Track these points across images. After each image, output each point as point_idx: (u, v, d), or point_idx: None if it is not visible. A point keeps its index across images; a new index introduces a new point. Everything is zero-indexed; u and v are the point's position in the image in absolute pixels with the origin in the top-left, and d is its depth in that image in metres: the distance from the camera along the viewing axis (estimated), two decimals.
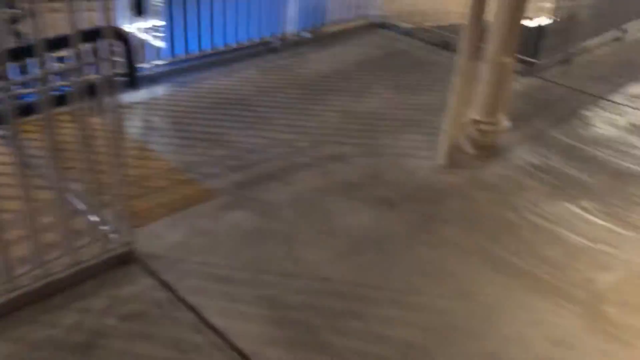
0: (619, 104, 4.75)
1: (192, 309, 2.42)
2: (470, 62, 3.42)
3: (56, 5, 2.26)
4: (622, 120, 4.46)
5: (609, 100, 4.79)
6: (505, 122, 3.79)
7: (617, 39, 6.13)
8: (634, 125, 4.40)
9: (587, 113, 4.54)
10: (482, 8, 3.29)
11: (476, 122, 3.69)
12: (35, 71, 2.24)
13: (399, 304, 2.55)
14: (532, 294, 2.67)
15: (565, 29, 5.39)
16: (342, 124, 4.09)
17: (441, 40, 5.64)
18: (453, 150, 3.62)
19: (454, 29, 5.79)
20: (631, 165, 3.84)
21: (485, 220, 3.18)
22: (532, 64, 5.15)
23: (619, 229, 3.19)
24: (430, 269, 2.78)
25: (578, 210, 3.33)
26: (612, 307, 2.63)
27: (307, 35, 5.45)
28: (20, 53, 2.74)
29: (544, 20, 5.15)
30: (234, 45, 4.93)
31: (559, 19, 5.18)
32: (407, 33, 5.85)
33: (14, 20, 3.32)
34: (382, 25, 5.97)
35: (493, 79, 3.61)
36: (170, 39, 4.47)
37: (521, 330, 2.47)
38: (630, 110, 4.65)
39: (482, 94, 3.64)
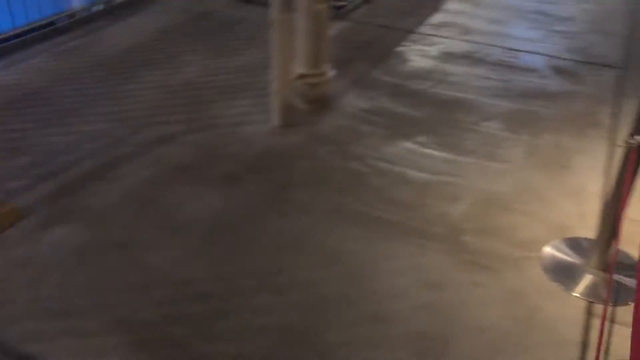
0: (427, 34, 4.92)
1: None
2: (285, 15, 3.22)
3: None
4: (433, 51, 4.61)
5: (417, 33, 4.93)
6: (330, 71, 3.69)
7: None
8: (444, 53, 4.58)
9: (401, 48, 4.62)
10: None
11: (303, 76, 3.54)
12: None
13: (268, 288, 2.36)
14: (394, 242, 2.64)
15: None
16: (161, 100, 3.70)
17: None
18: (286, 109, 3.45)
19: None
20: (451, 93, 3.98)
21: (333, 176, 3.08)
22: (339, 6, 5.12)
23: (456, 157, 3.29)
24: (292, 240, 2.62)
25: (416, 147, 3.36)
26: (470, 236, 2.69)
27: (99, 7, 4.85)
28: None
29: None
30: (11, 32, 4.19)
31: None
32: None
33: None
34: None
35: (311, 29, 3.46)
36: None
37: (394, 282, 2.42)
38: (438, 39, 4.83)
39: (303, 46, 3.48)
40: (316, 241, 2.61)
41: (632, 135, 2.16)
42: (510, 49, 4.71)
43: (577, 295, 2.40)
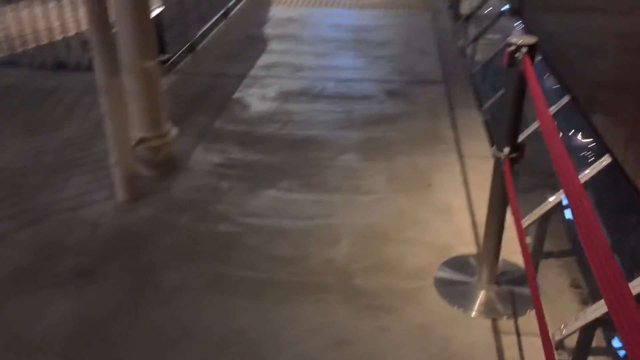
0: (259, 77, 4.82)
1: None
2: (112, 78, 2.88)
3: None
4: (271, 92, 4.52)
5: (249, 77, 4.80)
6: (172, 130, 3.39)
7: (223, 16, 6.21)
8: (282, 93, 4.50)
9: (238, 94, 4.46)
10: (105, 12, 2.76)
11: (143, 139, 3.20)
12: None
13: None
14: (287, 304, 2.41)
15: (179, 17, 5.23)
16: None
17: (54, 61, 4.84)
18: (131, 179, 3.07)
19: (64, 44, 5.05)
20: (300, 132, 3.90)
21: (202, 245, 2.78)
22: (164, 60, 4.83)
23: (323, 197, 3.17)
24: (174, 331, 2.27)
25: (281, 194, 3.19)
26: (360, 278, 2.56)
27: None
28: None
29: (156, 10, 4.82)
30: None
31: (167, 7, 4.93)
32: (8, 63, 4.86)
33: None
34: None
35: (143, 88, 3.15)
36: None
37: (298, 350, 2.19)
38: (272, 80, 4.75)
39: (138, 108, 3.15)
40: (203, 325, 2.30)
41: (499, 148, 2.20)
42: (343, 80, 4.79)
43: (478, 314, 2.37)
